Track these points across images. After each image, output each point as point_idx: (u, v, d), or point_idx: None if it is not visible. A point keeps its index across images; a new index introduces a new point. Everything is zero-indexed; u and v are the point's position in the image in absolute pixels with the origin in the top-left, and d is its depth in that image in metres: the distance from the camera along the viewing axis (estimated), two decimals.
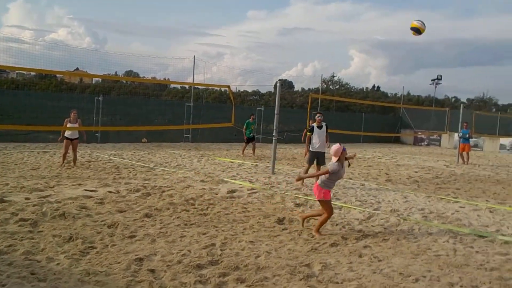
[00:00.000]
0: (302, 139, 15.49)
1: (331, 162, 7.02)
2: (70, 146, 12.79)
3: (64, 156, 12.82)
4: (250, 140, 18.62)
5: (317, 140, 11.38)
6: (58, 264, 5.13)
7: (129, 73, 46.76)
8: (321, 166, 11.39)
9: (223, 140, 25.04)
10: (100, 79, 53.62)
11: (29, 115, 18.87)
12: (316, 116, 11.55)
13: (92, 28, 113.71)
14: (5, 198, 8.05)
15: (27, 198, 8.28)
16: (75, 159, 12.95)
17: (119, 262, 5.26)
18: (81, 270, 4.93)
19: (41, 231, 6.36)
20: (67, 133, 12.72)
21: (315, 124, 11.47)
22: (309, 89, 50.76)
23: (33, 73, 52.04)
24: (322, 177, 7.05)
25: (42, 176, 10.92)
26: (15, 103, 19.56)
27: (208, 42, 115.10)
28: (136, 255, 5.51)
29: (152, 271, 5.04)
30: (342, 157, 6.99)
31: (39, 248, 5.64)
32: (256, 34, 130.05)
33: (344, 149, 7.00)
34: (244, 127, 18.42)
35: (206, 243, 6.17)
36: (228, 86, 16.02)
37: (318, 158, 11.43)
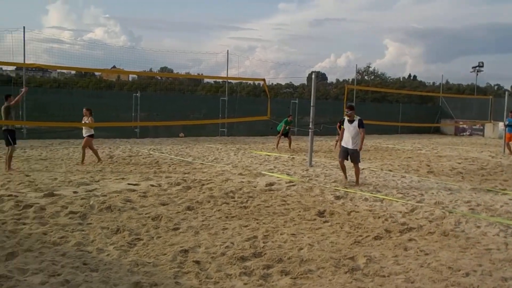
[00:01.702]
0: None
1: None
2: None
3: (94, 153, 12.88)
4: (284, 135, 18.58)
5: (346, 134, 10.50)
6: (108, 255, 5.29)
7: (164, 69, 47.42)
8: (355, 164, 10.42)
9: (258, 134, 25.09)
10: (136, 76, 54.67)
11: (71, 113, 19.35)
12: (345, 111, 10.56)
13: (127, 26, 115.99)
14: (55, 192, 8.36)
15: (75, 192, 8.57)
16: (83, 156, 12.73)
17: (165, 254, 5.37)
18: (130, 261, 5.07)
19: (90, 223, 6.56)
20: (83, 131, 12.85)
21: (346, 118, 10.52)
22: (343, 80, 50.25)
23: (73, 72, 53.52)
24: None
25: (87, 171, 11.23)
26: (58, 101, 20.13)
27: (240, 36, 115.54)
28: (181, 246, 5.61)
29: (198, 262, 5.11)
30: None
31: (89, 239, 5.83)
32: (288, 27, 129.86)
33: None
34: (283, 124, 18.37)
35: (248, 235, 6.23)
36: (263, 79, 16.04)
37: (349, 155, 10.43)
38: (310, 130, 13.69)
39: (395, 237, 6.43)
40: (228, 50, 25.47)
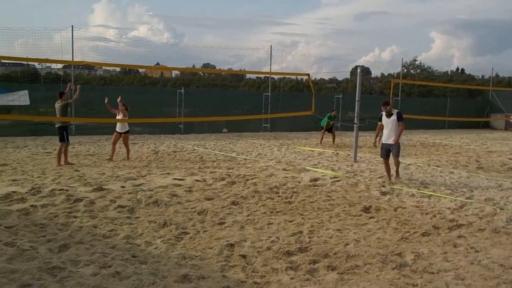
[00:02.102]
0: None
1: None
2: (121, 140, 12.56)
3: (112, 150, 12.60)
4: (328, 130, 18.37)
5: (385, 130, 10.01)
6: (156, 248, 5.41)
7: (206, 66, 47.97)
8: (395, 158, 9.93)
9: (302, 129, 24.97)
10: (179, 73, 55.58)
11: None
12: (383, 108, 9.97)
13: (170, 23, 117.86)
14: (103, 187, 8.62)
15: (122, 187, 8.78)
16: (127, 152, 12.76)
17: (211, 247, 5.44)
18: (177, 254, 5.17)
19: (138, 217, 6.73)
20: (117, 126, 12.69)
21: (383, 113, 10.04)
22: (388, 74, 49.36)
23: (118, 70, 54.96)
24: None
25: (133, 166, 11.49)
26: (104, 98, 20.60)
27: (282, 31, 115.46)
28: (227, 241, 5.67)
29: (244, 256, 5.16)
30: None
31: (137, 233, 5.98)
32: (331, 21, 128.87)
33: None
34: (326, 119, 18.17)
35: (293, 230, 6.23)
36: (308, 74, 15.95)
37: (391, 150, 9.93)
38: (355, 125, 13.52)
39: (444, 234, 6.29)
40: (271, 46, 25.36)
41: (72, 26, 19.10)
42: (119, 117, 12.60)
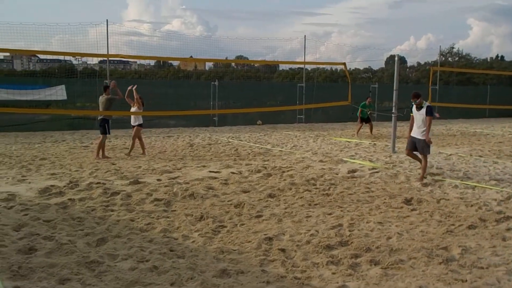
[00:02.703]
0: None
1: None
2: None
3: (141, 144, 12.35)
4: (365, 120, 17.94)
5: (415, 123, 9.27)
6: (193, 242, 5.34)
7: (239, 58, 47.87)
8: (424, 155, 9.10)
9: (337, 120, 24.59)
10: (212, 66, 55.82)
11: (151, 102, 19.88)
12: (413, 101, 9.22)
13: (203, 16, 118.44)
14: (139, 180, 8.61)
15: (158, 180, 8.76)
16: (131, 147, 12.25)
17: (249, 241, 5.33)
18: (215, 248, 5.07)
19: (174, 210, 6.68)
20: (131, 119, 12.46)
21: (414, 105, 9.23)
22: (425, 62, 48.19)
23: (152, 64, 55.60)
24: None
25: (169, 159, 11.50)
26: (139, 91, 20.71)
27: (315, 21, 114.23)
28: (265, 234, 5.54)
29: (283, 250, 5.02)
30: None
31: (174, 226, 5.92)
32: (364, 10, 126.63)
33: None
34: (360, 109, 17.75)
35: (333, 223, 6.06)
36: (344, 64, 15.57)
37: (417, 145, 9.17)
38: (393, 115, 13.15)
39: (491, 227, 6.01)
40: (305, 36, 25.01)
41: (107, 20, 19.27)
42: (133, 109, 12.47)
